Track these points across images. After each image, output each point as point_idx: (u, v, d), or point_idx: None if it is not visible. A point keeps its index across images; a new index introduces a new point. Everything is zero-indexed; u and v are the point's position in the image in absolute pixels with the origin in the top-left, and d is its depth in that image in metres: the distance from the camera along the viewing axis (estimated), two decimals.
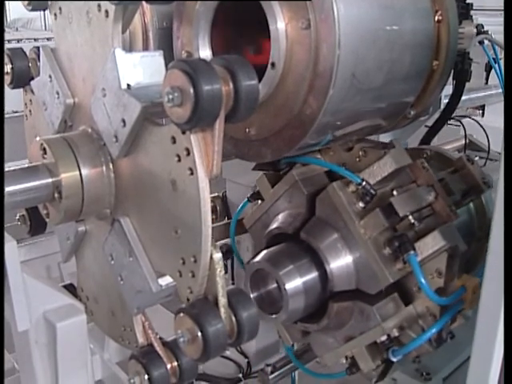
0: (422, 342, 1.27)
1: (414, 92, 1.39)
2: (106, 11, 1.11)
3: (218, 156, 0.98)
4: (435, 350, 1.32)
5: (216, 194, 1.83)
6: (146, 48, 1.48)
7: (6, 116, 1.61)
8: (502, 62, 1.80)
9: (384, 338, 1.31)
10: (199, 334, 1.00)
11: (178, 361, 1.18)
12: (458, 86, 1.62)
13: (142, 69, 1.10)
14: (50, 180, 1.17)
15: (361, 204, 1.26)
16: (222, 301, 1.04)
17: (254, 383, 1.89)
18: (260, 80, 1.13)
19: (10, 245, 1.21)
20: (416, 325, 1.31)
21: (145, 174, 1.13)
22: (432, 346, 1.31)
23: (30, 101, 1.48)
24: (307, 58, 1.13)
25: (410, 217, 1.25)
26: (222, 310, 1.03)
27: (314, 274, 1.31)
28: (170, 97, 0.90)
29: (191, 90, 0.87)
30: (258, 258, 1.34)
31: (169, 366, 1.18)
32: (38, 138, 1.21)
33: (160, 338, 1.23)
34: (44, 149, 1.19)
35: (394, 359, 1.31)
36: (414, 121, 1.49)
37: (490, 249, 1.15)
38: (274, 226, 1.42)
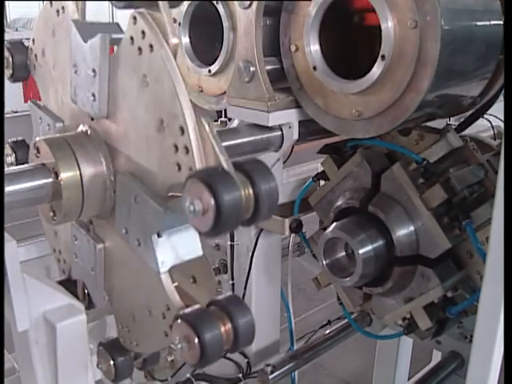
0: (474, 300, 1.43)
1: (485, 81, 1.55)
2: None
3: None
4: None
5: None
6: None
7: (5, 116, 1.61)
8: None
9: (440, 298, 1.48)
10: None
11: (232, 322, 1.00)
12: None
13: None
14: (50, 180, 1.17)
15: (421, 180, 1.46)
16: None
17: (254, 383, 1.89)
18: (368, 69, 1.35)
19: (9, 245, 1.21)
20: (468, 287, 1.50)
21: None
22: None
23: None
24: (413, 51, 1.29)
25: (465, 191, 1.43)
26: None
27: (381, 242, 1.47)
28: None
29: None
30: (331, 229, 1.49)
31: (222, 329, 1.00)
32: (37, 138, 1.21)
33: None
34: (43, 149, 1.19)
35: (451, 316, 1.50)
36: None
37: (490, 249, 1.15)
38: (341, 201, 1.58)
